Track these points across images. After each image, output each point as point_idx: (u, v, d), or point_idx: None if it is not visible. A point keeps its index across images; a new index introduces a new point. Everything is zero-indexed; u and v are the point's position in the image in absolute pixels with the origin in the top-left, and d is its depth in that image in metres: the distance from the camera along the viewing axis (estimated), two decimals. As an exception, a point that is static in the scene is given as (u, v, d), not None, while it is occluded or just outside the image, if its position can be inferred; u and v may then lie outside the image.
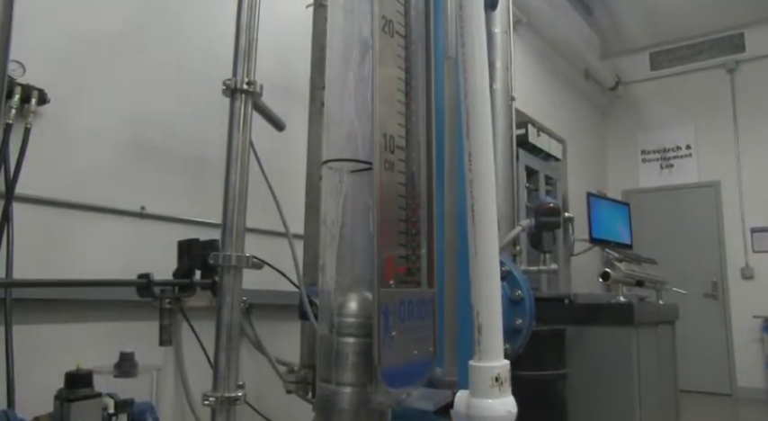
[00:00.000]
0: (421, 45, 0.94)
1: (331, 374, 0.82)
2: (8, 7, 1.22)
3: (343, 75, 0.87)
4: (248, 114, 1.04)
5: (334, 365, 0.81)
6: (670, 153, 7.63)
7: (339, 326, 0.83)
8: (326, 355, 0.83)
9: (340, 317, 0.84)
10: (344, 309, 0.84)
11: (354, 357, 0.81)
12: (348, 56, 0.91)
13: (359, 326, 0.82)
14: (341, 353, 0.81)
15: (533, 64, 5.99)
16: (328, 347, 0.83)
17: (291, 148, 2.33)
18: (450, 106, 1.25)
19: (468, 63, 0.98)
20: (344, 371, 0.81)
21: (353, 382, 0.81)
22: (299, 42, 2.34)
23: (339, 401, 0.80)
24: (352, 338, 0.82)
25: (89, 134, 2.18)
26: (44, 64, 2.04)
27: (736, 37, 7.29)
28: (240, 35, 1.07)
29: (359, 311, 0.83)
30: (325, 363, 0.83)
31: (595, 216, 4.04)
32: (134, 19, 2.39)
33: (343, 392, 0.80)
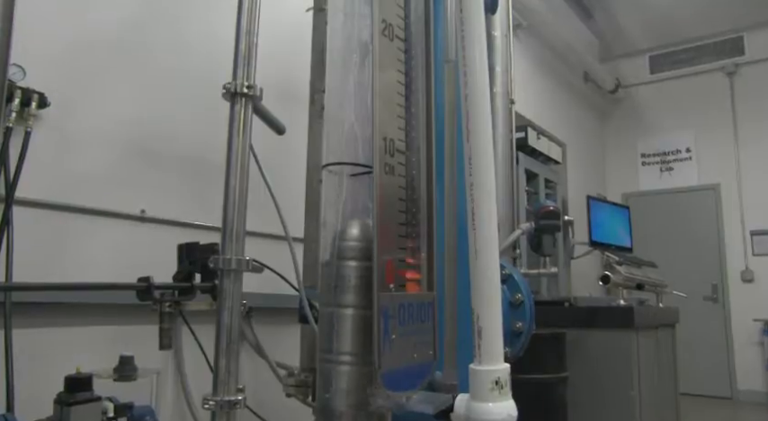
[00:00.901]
0: (421, 49, 0.94)
1: (332, 298, 0.83)
2: (8, 11, 1.23)
3: (343, 78, 0.87)
4: (248, 118, 1.04)
5: (336, 289, 0.83)
6: (670, 156, 7.64)
7: (341, 250, 0.84)
8: (329, 280, 0.84)
9: (342, 241, 0.85)
10: (346, 234, 0.85)
11: (356, 280, 0.83)
12: (348, 59, 0.91)
13: (360, 249, 0.83)
14: (343, 276, 0.83)
15: (533, 67, 5.99)
16: (331, 272, 0.84)
17: (291, 151, 2.33)
18: (450, 110, 1.25)
19: (468, 67, 0.99)
20: (346, 294, 0.83)
21: (355, 304, 0.82)
22: (299, 46, 2.34)
23: (342, 322, 0.81)
24: (354, 262, 0.83)
25: (89, 137, 2.19)
26: (44, 67, 2.04)
27: (735, 40, 7.30)
28: (240, 39, 1.07)
29: (360, 235, 0.84)
30: (327, 288, 0.84)
31: (595, 219, 4.04)
32: (134, 22, 2.39)
33: (345, 314, 0.82)
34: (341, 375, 0.82)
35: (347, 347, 0.82)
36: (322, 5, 2.22)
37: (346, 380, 0.82)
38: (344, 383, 0.82)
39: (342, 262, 0.84)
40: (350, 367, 0.81)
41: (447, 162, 1.12)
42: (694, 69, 7.54)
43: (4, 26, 1.22)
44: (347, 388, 0.81)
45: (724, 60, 7.33)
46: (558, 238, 3.57)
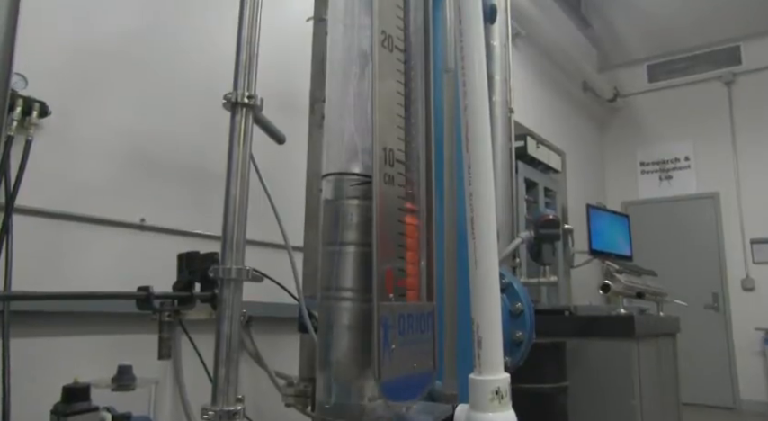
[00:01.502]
0: (420, 59, 0.94)
1: (335, 236, 0.85)
2: (12, 20, 1.23)
3: (344, 89, 0.87)
4: (248, 128, 1.04)
5: (338, 226, 0.84)
6: (669, 164, 7.65)
7: (343, 189, 0.86)
8: (331, 218, 0.86)
9: (343, 180, 0.87)
10: (348, 176, 0.87)
11: (357, 218, 0.84)
12: (348, 70, 0.92)
13: (361, 189, 0.85)
14: (345, 214, 0.85)
15: (532, 76, 6.01)
16: (333, 211, 0.86)
17: (291, 161, 2.34)
18: (449, 119, 1.25)
19: (467, 76, 0.99)
20: (348, 231, 0.84)
21: (356, 242, 0.84)
22: (299, 55, 2.35)
23: (343, 259, 0.82)
24: (356, 200, 0.84)
25: (89, 146, 2.19)
26: (46, 76, 2.05)
27: (732, 50, 7.33)
28: (241, 50, 1.07)
29: (360, 177, 0.86)
30: (329, 226, 0.86)
31: (595, 228, 4.04)
32: (136, 32, 2.40)
33: (346, 252, 0.83)
34: (342, 311, 0.82)
35: (348, 283, 0.83)
36: (322, 15, 2.23)
37: (348, 317, 0.82)
38: (346, 319, 0.82)
39: (344, 200, 0.85)
40: (351, 303, 0.82)
41: (446, 171, 1.12)
42: (692, 78, 7.57)
43: (7, 35, 1.23)
44: (348, 324, 0.82)
45: (721, 69, 7.36)
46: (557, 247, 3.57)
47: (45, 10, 2.07)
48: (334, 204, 0.86)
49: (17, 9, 1.27)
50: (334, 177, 0.87)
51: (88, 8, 2.25)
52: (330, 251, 0.83)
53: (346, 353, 0.82)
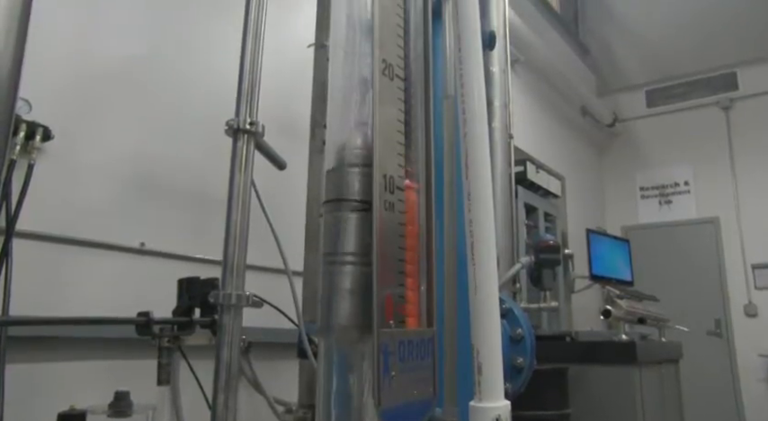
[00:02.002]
0: (420, 86, 0.95)
1: (338, 204, 0.87)
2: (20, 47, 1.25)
3: (344, 116, 0.88)
4: (250, 154, 1.05)
5: (342, 193, 0.87)
6: (668, 189, 7.67)
7: (345, 157, 0.90)
8: (335, 185, 0.89)
9: (345, 149, 0.90)
10: (350, 144, 0.90)
11: (360, 185, 0.87)
12: (349, 97, 0.93)
13: (363, 156, 0.88)
14: (349, 183, 0.88)
15: (531, 102, 6.06)
16: (337, 178, 0.89)
17: (291, 185, 2.34)
18: (449, 145, 1.26)
19: (466, 104, 1.00)
20: (351, 197, 0.87)
21: (359, 207, 0.86)
22: (300, 80, 2.38)
23: (345, 219, 0.86)
24: (358, 167, 0.88)
25: (91, 170, 2.20)
26: (49, 101, 2.06)
27: (728, 76, 7.40)
28: (243, 78, 1.09)
29: (362, 144, 0.89)
30: (334, 194, 0.89)
31: (595, 252, 4.03)
32: (139, 56, 2.43)
33: (349, 217, 0.86)
34: (344, 275, 0.83)
35: (350, 248, 0.84)
36: (323, 42, 2.26)
37: (350, 280, 0.83)
38: (348, 283, 0.83)
39: (347, 168, 0.88)
40: (352, 266, 0.83)
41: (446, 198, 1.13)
42: (690, 104, 7.62)
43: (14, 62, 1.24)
44: (350, 287, 0.83)
45: (719, 95, 7.42)
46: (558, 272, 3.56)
47: (50, 34, 2.09)
48: (337, 172, 0.90)
49: (25, 36, 1.28)
50: (335, 148, 0.92)
51: (92, 33, 2.28)
52: (333, 216, 0.87)
53: (348, 317, 0.83)
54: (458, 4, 1.29)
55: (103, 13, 2.33)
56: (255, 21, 1.17)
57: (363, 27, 0.95)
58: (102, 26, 2.31)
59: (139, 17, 2.45)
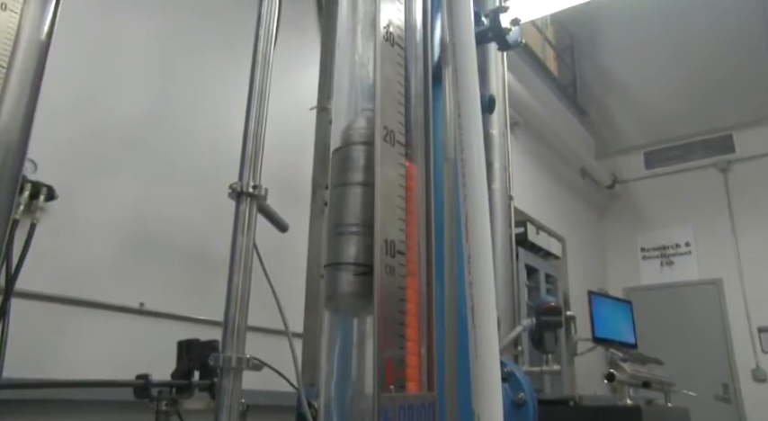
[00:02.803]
0: (421, 151, 0.97)
1: (342, 178, 0.94)
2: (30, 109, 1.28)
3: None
4: (253, 217, 1.07)
5: (346, 169, 0.93)
6: (669, 250, 7.65)
7: (350, 136, 0.96)
8: (340, 162, 0.95)
9: (350, 129, 0.97)
10: (354, 124, 0.97)
11: (364, 161, 0.92)
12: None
13: (367, 135, 0.94)
14: (352, 158, 0.94)
15: (531, 163, 6.13)
16: (342, 156, 0.95)
17: (291, 246, 2.35)
18: (449, 207, 1.28)
19: (466, 168, 1.02)
20: (355, 173, 0.93)
21: (362, 182, 0.92)
22: (302, 142, 2.42)
23: (351, 195, 0.91)
24: (362, 146, 0.93)
25: (93, 229, 2.21)
26: (55, 160, 2.09)
27: (725, 138, 7.50)
28: (247, 141, 1.11)
29: (366, 124, 0.95)
30: (339, 170, 0.95)
31: (597, 314, 4.00)
32: (144, 117, 2.48)
33: (353, 191, 0.92)
34: (349, 243, 0.89)
35: (355, 219, 0.89)
36: (325, 105, 2.31)
37: (354, 249, 0.88)
38: (352, 250, 0.88)
39: (352, 146, 0.95)
40: (356, 236, 0.88)
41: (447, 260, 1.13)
42: (688, 165, 7.70)
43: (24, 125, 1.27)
44: (354, 253, 0.88)
45: (716, 157, 7.50)
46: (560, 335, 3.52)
47: (56, 95, 2.15)
48: (343, 150, 0.97)
49: (36, 100, 1.32)
50: (341, 129, 0.99)
51: (99, 94, 2.33)
52: (338, 192, 0.93)
53: (351, 283, 0.87)
54: (457, 70, 1.33)
55: (111, 75, 2.39)
56: (260, 85, 1.21)
57: (365, 93, 0.99)
58: (108, 87, 2.37)
59: (145, 79, 2.52)
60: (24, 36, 1.35)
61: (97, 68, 2.35)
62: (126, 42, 2.47)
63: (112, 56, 2.42)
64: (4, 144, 1.30)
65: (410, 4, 1.08)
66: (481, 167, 1.16)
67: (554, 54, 7.73)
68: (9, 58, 1.31)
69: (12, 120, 1.32)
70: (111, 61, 2.41)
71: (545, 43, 7.38)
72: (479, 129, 1.23)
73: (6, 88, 1.31)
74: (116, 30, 2.45)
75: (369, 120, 0.95)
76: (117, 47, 2.44)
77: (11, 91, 1.34)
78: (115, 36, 2.44)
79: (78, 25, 2.24)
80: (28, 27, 1.35)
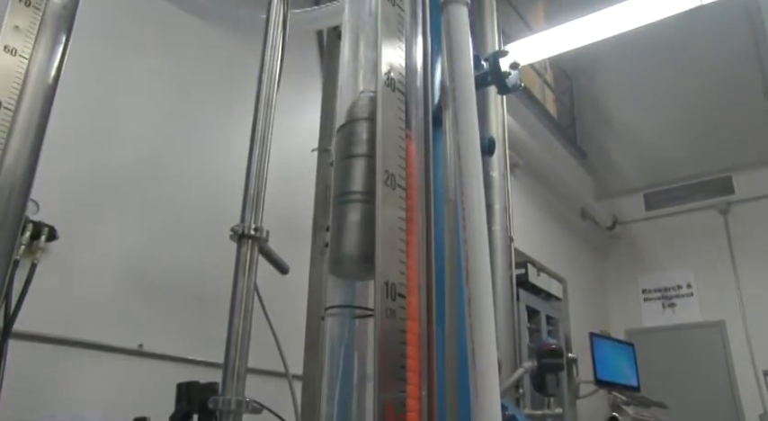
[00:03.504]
0: (421, 194, 0.98)
1: (347, 151, 1.00)
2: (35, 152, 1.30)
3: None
4: (254, 259, 1.07)
5: (350, 143, 1.00)
6: (671, 292, 7.60)
7: (354, 114, 1.02)
8: (345, 137, 1.02)
9: (354, 107, 1.03)
10: (358, 102, 1.04)
11: (366, 134, 0.98)
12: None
13: (369, 112, 1.00)
14: (356, 132, 1.00)
15: (531, 205, 6.15)
16: (347, 131, 1.02)
17: (291, 287, 2.35)
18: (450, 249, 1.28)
19: (466, 211, 1.03)
20: (358, 146, 0.99)
21: (365, 154, 0.97)
22: (303, 183, 2.44)
23: (355, 166, 0.97)
24: (365, 121, 1.00)
25: (93, 269, 2.21)
26: (57, 200, 2.10)
27: (724, 180, 7.53)
28: (250, 184, 1.13)
29: (368, 103, 1.02)
30: (343, 145, 1.01)
31: (599, 357, 3.96)
32: (146, 160, 2.50)
33: (357, 162, 0.97)
34: (354, 210, 0.94)
35: (359, 187, 0.95)
36: (326, 146, 2.34)
37: (358, 216, 0.93)
38: (356, 216, 0.93)
39: (356, 121, 1.01)
40: (360, 204, 0.94)
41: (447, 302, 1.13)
42: (688, 207, 7.71)
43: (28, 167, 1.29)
44: (359, 219, 0.93)
45: (716, 199, 7.52)
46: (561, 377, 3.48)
47: (59, 136, 2.17)
48: (347, 126, 1.04)
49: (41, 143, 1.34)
50: (347, 107, 1.05)
51: (103, 136, 2.36)
52: (343, 164, 1.00)
53: (355, 246, 0.92)
54: (457, 113, 1.35)
55: (114, 118, 2.42)
56: (263, 129, 1.23)
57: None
58: (111, 130, 2.40)
59: (148, 122, 2.55)
60: (32, 80, 1.38)
61: (100, 111, 2.38)
62: (129, 86, 2.52)
63: (116, 99, 2.46)
64: (8, 184, 1.32)
65: (411, 49, 1.11)
66: (481, 209, 1.17)
67: (553, 96, 7.83)
68: (16, 101, 1.34)
69: (17, 161, 1.34)
70: (114, 104, 2.45)
71: (544, 85, 7.49)
72: (479, 171, 1.25)
73: (13, 130, 1.33)
74: (119, 73, 2.49)
75: (371, 99, 1.01)
76: (120, 90, 2.48)
77: (17, 133, 1.36)
78: (118, 80, 2.48)
79: (82, 68, 2.28)
80: (36, 71, 1.38)
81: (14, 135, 1.34)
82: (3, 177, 1.29)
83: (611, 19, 4.26)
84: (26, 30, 1.39)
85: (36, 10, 1.42)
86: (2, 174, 1.30)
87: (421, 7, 1.15)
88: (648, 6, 4.12)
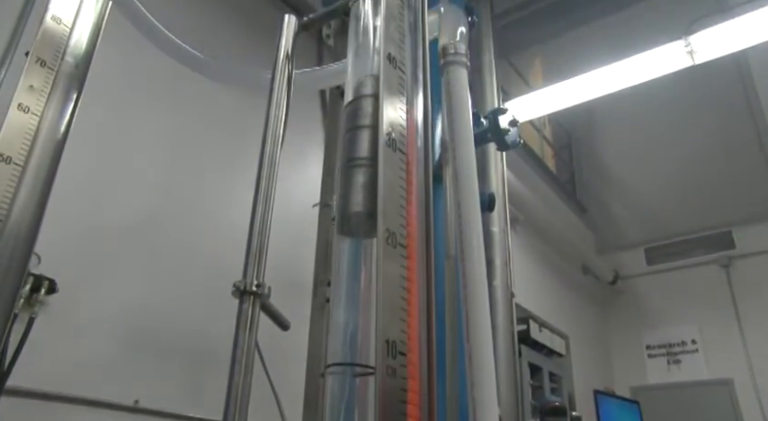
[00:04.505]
0: (422, 251, 0.99)
1: (353, 123, 1.10)
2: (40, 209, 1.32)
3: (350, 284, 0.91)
4: (255, 316, 1.07)
5: (357, 116, 1.10)
6: (676, 348, 7.49)
7: (360, 91, 1.13)
8: (352, 111, 1.12)
9: (361, 86, 1.14)
10: (363, 82, 1.14)
11: (371, 109, 1.08)
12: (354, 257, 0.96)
13: (374, 89, 1.10)
14: (363, 107, 1.10)
15: (532, 260, 6.14)
16: (354, 106, 1.12)
17: (291, 342, 2.33)
18: (450, 306, 1.28)
19: (467, 268, 1.04)
20: (363, 118, 1.09)
21: (369, 125, 1.07)
22: (304, 238, 2.45)
23: (361, 136, 1.07)
24: (370, 98, 1.10)
25: (91, 324, 2.20)
26: (59, 253, 2.10)
27: (724, 234, 7.53)
28: (252, 240, 1.14)
29: (374, 83, 1.12)
30: (351, 118, 1.11)
31: (604, 415, 3.88)
32: (149, 215, 2.52)
33: (362, 133, 1.08)
34: (360, 173, 1.03)
35: (364, 153, 1.05)
36: (327, 201, 2.36)
37: (363, 178, 1.02)
38: (362, 178, 1.02)
39: (362, 98, 1.11)
40: (365, 168, 1.03)
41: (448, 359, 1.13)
42: (690, 261, 7.68)
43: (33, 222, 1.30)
44: (364, 181, 1.02)
45: (717, 253, 7.50)
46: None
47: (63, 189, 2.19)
48: (354, 103, 1.15)
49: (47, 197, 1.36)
50: (353, 87, 1.17)
51: (106, 188, 2.38)
52: (350, 135, 1.09)
53: (361, 204, 1.00)
54: (457, 170, 1.37)
55: (117, 172, 2.46)
56: (266, 186, 1.25)
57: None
58: (115, 184, 2.43)
59: (151, 177, 2.58)
60: (42, 136, 1.40)
61: (104, 165, 2.41)
62: (133, 141, 2.56)
63: (120, 154, 2.50)
64: (12, 239, 1.33)
65: (412, 108, 1.13)
66: (481, 265, 1.18)
67: (552, 152, 7.93)
68: (26, 157, 1.36)
69: (23, 215, 1.36)
70: (118, 159, 2.48)
71: (543, 141, 7.59)
72: (479, 227, 1.26)
73: (20, 185, 1.35)
74: (125, 128, 2.54)
75: (376, 78, 1.11)
76: (125, 145, 2.52)
77: (24, 187, 1.38)
78: (123, 134, 2.53)
79: (88, 124, 2.32)
80: (46, 128, 1.41)
81: (22, 190, 1.36)
82: (8, 232, 1.30)
83: (608, 77, 4.37)
84: (40, 88, 1.43)
85: (50, 70, 1.46)
86: (7, 229, 1.32)
87: (422, 69, 1.18)
88: (643, 65, 4.23)
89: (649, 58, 4.17)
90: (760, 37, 3.89)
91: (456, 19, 1.58)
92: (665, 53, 4.10)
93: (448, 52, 1.47)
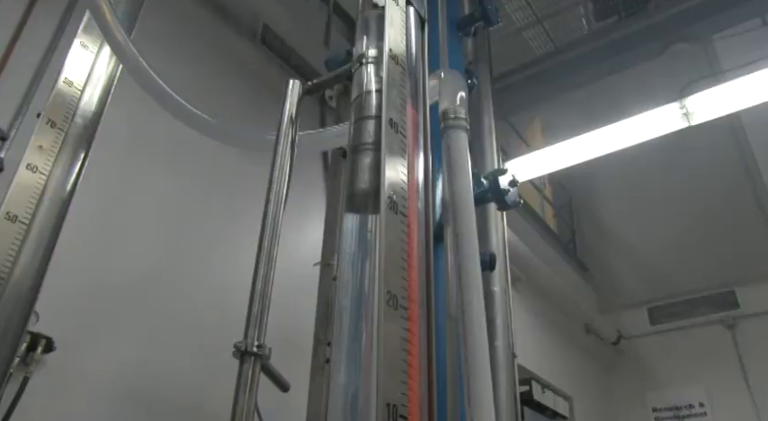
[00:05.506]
0: (423, 312, 0.99)
1: (361, 113, 1.22)
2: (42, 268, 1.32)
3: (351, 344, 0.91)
4: (256, 377, 1.07)
5: (363, 108, 1.22)
6: (683, 411, 7.30)
7: (366, 86, 1.25)
8: (360, 105, 1.24)
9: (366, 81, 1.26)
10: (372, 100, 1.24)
11: (376, 101, 1.20)
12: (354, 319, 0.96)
13: (378, 85, 1.22)
14: (370, 104, 1.21)
15: (534, 319, 6.08)
16: (361, 100, 1.23)
17: (290, 404, 2.29)
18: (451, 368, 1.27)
19: (467, 330, 1.04)
20: (370, 109, 1.20)
21: (376, 115, 1.19)
22: (305, 297, 2.44)
23: (366, 128, 1.19)
24: (375, 91, 1.22)
25: (88, 384, 2.17)
26: (57, 312, 2.09)
27: (728, 294, 7.46)
28: (254, 302, 1.14)
29: (378, 79, 1.23)
30: (358, 110, 1.23)
31: (611, 482, 3.76)
32: (149, 274, 2.52)
33: (369, 123, 1.19)
34: (366, 156, 1.15)
35: (370, 139, 1.16)
36: (329, 261, 2.36)
37: (369, 160, 1.14)
38: (368, 160, 1.14)
39: (367, 93, 1.23)
40: (371, 152, 1.15)
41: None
42: (694, 321, 7.57)
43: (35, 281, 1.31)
44: (369, 162, 1.13)
45: (721, 313, 7.41)
46: None
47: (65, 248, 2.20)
48: (360, 97, 1.27)
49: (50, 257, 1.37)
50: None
51: (104, 249, 2.39)
52: (358, 125, 1.21)
53: (368, 181, 1.11)
54: (457, 230, 1.38)
55: (118, 231, 2.47)
56: (269, 247, 1.26)
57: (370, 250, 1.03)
58: (115, 243, 2.44)
59: (152, 237, 2.59)
60: (48, 195, 1.43)
61: (106, 225, 2.43)
62: (135, 200, 2.58)
63: (121, 213, 2.51)
64: (14, 297, 1.33)
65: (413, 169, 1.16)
66: (482, 326, 1.17)
67: (552, 211, 7.96)
68: (31, 216, 1.38)
69: (25, 274, 1.37)
70: (119, 218, 2.50)
71: (544, 201, 7.63)
72: (479, 288, 1.26)
73: (24, 243, 1.37)
74: (127, 188, 2.56)
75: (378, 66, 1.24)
76: (126, 205, 2.54)
77: (28, 246, 1.39)
78: (125, 194, 2.55)
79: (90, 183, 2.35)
80: (52, 187, 1.44)
81: (25, 248, 1.38)
82: (8, 292, 1.31)
83: (607, 137, 4.45)
84: (48, 149, 1.46)
85: (60, 131, 1.50)
86: (9, 288, 1.32)
87: (422, 133, 1.21)
88: (641, 126, 4.31)
89: (645, 119, 4.26)
90: (753, 99, 3.98)
91: (456, 84, 1.63)
92: (661, 115, 4.18)
93: (448, 116, 1.50)
